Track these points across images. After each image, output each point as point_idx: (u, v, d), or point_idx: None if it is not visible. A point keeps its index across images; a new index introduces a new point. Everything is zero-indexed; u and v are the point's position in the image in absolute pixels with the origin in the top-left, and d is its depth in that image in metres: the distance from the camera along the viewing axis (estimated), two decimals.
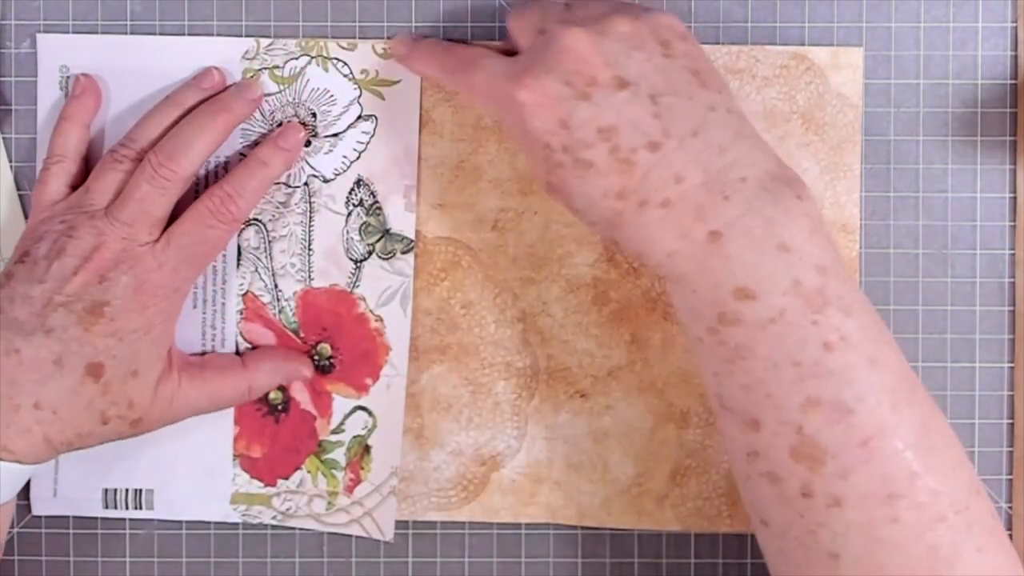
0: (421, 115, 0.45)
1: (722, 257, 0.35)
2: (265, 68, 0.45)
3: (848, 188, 0.46)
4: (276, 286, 0.45)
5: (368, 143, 0.45)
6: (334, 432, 0.46)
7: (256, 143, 0.45)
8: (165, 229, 0.42)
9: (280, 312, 0.45)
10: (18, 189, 0.46)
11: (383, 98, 0.45)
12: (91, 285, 0.40)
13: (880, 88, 0.46)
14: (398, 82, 0.45)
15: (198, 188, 0.45)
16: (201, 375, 0.43)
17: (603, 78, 0.37)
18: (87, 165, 0.44)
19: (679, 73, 0.38)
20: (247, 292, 0.45)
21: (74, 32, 0.46)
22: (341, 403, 0.46)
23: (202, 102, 0.44)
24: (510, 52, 0.41)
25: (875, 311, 0.37)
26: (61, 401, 0.39)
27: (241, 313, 0.46)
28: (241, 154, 0.45)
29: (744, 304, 0.35)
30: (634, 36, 0.38)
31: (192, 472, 0.46)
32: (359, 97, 0.45)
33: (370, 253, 0.45)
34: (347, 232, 0.45)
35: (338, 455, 0.46)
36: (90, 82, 0.45)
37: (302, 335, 0.46)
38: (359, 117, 0.45)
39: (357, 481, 0.46)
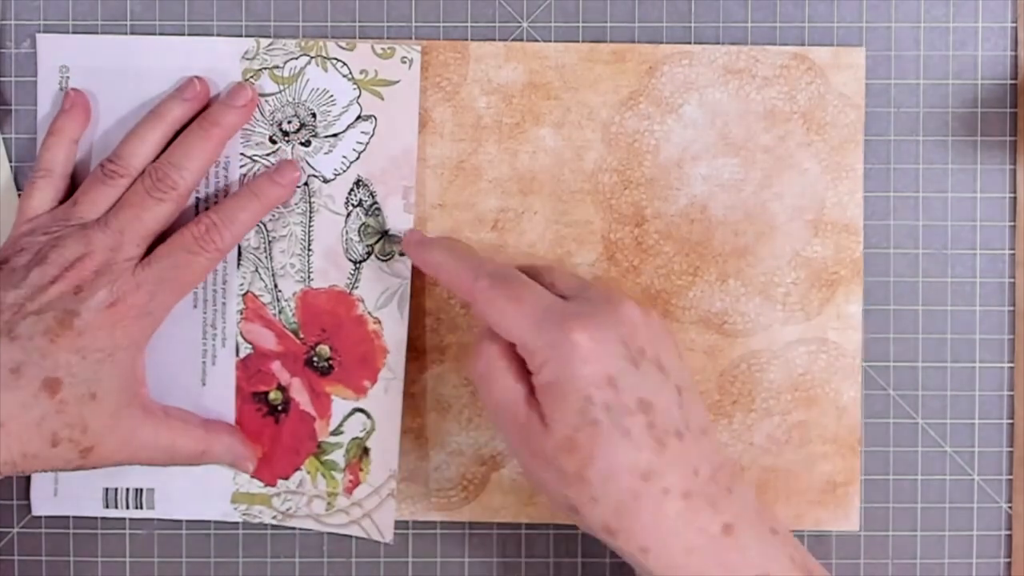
0: (421, 115, 0.45)
1: (738, 550, 0.36)
2: (265, 68, 0.45)
3: (850, 188, 0.46)
4: (276, 286, 0.45)
5: (367, 144, 0.45)
6: (333, 433, 0.46)
7: (257, 143, 0.45)
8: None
9: (280, 312, 0.46)
10: (18, 189, 0.46)
11: (382, 98, 0.45)
12: (66, 295, 0.40)
13: (880, 88, 0.46)
14: (397, 82, 0.45)
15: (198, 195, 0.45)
16: (166, 422, 0.42)
17: (649, 354, 0.38)
18: (76, 176, 0.45)
19: (685, 370, 0.39)
20: (247, 292, 0.46)
21: (74, 32, 0.46)
22: (340, 405, 0.46)
23: (195, 115, 0.44)
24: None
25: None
26: (11, 414, 0.38)
27: (241, 313, 0.46)
28: (242, 154, 0.45)
29: None
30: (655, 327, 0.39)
31: (192, 472, 0.46)
32: (358, 97, 0.45)
33: (369, 254, 0.45)
34: (346, 233, 0.45)
35: (337, 456, 0.46)
36: (80, 97, 0.45)
37: (301, 336, 0.46)
38: (358, 117, 0.45)
39: (356, 483, 0.46)
